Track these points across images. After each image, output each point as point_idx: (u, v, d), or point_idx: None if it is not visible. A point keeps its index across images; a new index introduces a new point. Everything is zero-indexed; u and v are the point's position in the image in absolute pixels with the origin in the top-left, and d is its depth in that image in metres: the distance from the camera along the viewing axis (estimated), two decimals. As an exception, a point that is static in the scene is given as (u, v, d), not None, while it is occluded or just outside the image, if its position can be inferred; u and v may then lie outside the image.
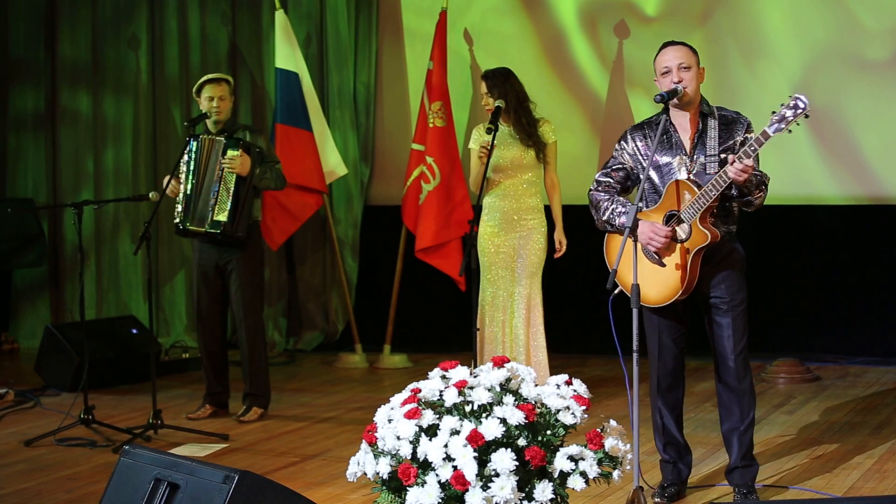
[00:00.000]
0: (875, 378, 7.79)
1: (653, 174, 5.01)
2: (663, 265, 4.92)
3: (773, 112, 4.71)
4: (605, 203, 5.04)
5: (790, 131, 4.72)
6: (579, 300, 8.68)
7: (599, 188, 5.11)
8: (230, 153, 6.77)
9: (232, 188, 6.78)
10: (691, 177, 4.93)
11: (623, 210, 4.98)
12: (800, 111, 4.66)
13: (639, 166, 5.06)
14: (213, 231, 6.81)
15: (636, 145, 5.07)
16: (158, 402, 6.61)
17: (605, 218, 5.03)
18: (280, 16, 8.83)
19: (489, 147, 6.78)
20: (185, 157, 6.89)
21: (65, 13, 10.03)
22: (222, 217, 6.79)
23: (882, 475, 5.46)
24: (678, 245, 4.89)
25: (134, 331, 8.47)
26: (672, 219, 4.90)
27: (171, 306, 9.89)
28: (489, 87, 7.00)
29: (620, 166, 5.12)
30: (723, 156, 4.91)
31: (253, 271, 6.99)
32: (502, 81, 7.00)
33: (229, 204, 6.78)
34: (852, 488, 5.26)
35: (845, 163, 8.18)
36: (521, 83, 7.06)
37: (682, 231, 4.89)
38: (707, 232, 4.86)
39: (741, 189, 4.82)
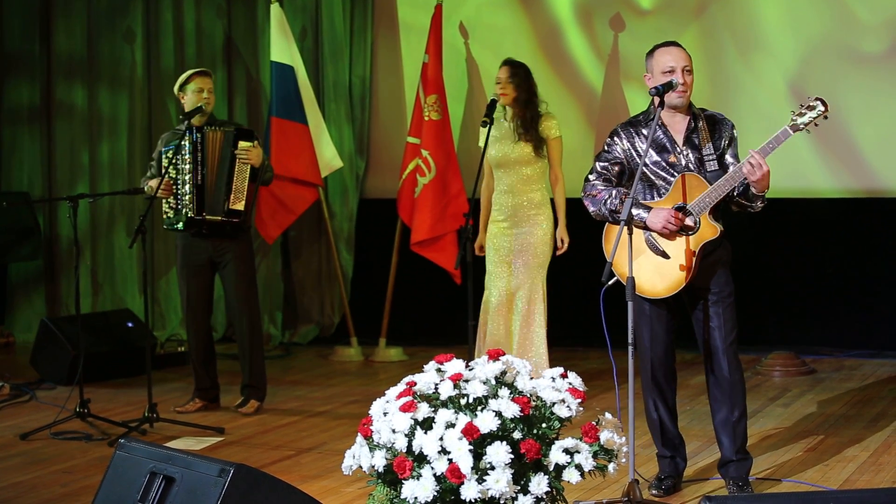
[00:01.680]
0: (870, 371, 7.80)
1: (645, 171, 5.05)
2: (668, 257, 4.96)
3: (793, 111, 4.91)
4: (605, 193, 5.07)
5: (809, 131, 4.97)
6: (580, 293, 8.67)
7: (599, 179, 5.13)
8: (244, 144, 6.82)
9: (247, 178, 6.85)
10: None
11: (621, 200, 5.02)
12: (820, 112, 4.88)
13: (632, 163, 5.09)
14: (231, 220, 6.83)
15: (630, 143, 5.11)
16: (154, 395, 6.60)
17: (611, 207, 5.03)
18: (275, 9, 8.82)
19: (485, 141, 6.79)
20: (189, 148, 6.86)
21: (60, 6, 10.02)
22: (239, 206, 6.84)
23: (877, 468, 5.47)
24: (685, 237, 4.94)
25: (129, 324, 8.47)
26: (681, 211, 4.94)
27: (167, 299, 9.89)
28: (512, 73, 6.99)
29: (616, 160, 5.13)
30: (717, 153, 5.00)
31: (247, 264, 7.00)
32: (525, 74, 7.04)
33: (245, 194, 6.83)
34: (847, 481, 5.26)
35: (841, 156, 8.18)
36: (535, 81, 7.13)
37: (690, 222, 4.95)
38: (717, 226, 4.96)
39: (751, 189, 4.90)
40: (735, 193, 5.00)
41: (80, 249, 7.03)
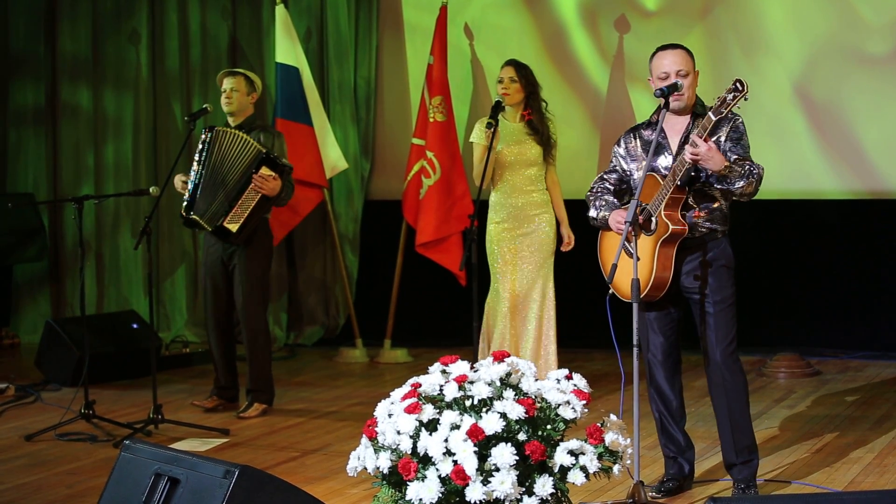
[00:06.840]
0: (875, 372, 7.79)
1: (641, 175, 5.03)
2: (638, 258, 4.94)
3: (718, 97, 4.80)
4: (592, 200, 5.17)
5: (733, 113, 4.89)
6: (583, 295, 8.66)
7: (592, 189, 5.20)
8: (265, 171, 6.67)
9: (253, 204, 6.74)
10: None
11: (603, 204, 5.10)
12: (739, 94, 4.76)
13: (630, 168, 5.10)
14: (219, 235, 6.83)
15: (627, 147, 5.15)
16: (159, 396, 6.61)
17: (592, 214, 5.12)
18: (280, 10, 8.82)
19: (490, 142, 6.77)
20: (199, 147, 6.87)
21: (65, 8, 10.03)
22: (233, 227, 6.76)
23: (882, 469, 5.46)
24: (648, 238, 4.92)
25: (134, 325, 8.47)
26: (643, 212, 4.92)
27: (172, 301, 9.89)
28: (519, 75, 7.00)
29: (613, 168, 5.21)
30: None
31: (257, 267, 6.94)
32: (528, 73, 7.06)
33: (244, 217, 6.76)
34: (853, 482, 5.26)
35: (845, 157, 8.17)
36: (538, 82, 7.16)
37: (652, 223, 4.92)
38: (668, 222, 4.87)
39: (717, 177, 4.85)
40: (711, 184, 4.92)
41: (85, 251, 7.04)
